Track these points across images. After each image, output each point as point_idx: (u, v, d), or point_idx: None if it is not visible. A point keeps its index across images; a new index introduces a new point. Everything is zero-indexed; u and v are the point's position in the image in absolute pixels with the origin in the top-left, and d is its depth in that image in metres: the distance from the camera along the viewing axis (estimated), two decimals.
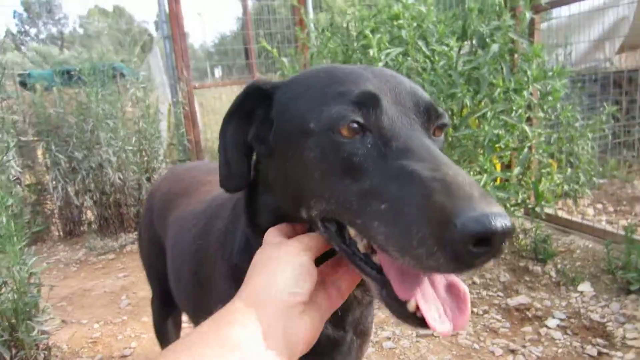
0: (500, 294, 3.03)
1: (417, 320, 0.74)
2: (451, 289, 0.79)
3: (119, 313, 3.35)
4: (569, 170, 4.12)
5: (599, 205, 4.43)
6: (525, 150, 3.19)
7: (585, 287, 2.93)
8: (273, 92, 0.95)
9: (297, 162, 0.86)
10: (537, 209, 3.27)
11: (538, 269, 3.24)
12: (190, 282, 1.41)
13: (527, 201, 3.36)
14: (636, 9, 5.31)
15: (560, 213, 4.09)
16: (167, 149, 5.74)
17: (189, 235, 1.43)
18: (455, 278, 0.80)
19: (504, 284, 3.13)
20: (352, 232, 0.82)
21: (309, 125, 0.83)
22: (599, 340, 2.45)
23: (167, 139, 5.94)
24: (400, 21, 3.20)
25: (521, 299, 2.89)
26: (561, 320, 2.66)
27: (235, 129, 0.99)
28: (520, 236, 3.60)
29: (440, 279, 0.79)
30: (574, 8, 4.92)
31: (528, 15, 3.06)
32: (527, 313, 2.77)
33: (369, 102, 0.80)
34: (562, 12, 5.58)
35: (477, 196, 0.67)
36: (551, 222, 3.83)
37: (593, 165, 4.39)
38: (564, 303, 2.83)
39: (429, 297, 0.76)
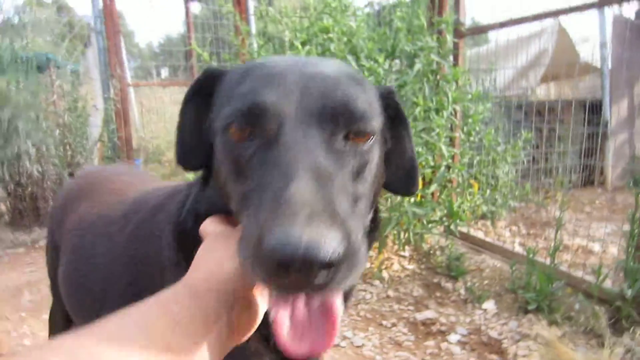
0: (411, 307, 3.11)
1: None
2: (325, 308, 0.71)
3: (18, 309, 3.17)
4: (488, 192, 4.30)
5: (515, 228, 4.65)
6: (442, 169, 3.30)
7: (489, 304, 3.06)
8: (219, 79, 0.93)
9: (217, 159, 0.89)
10: (452, 227, 3.39)
11: (449, 285, 3.35)
12: (125, 297, 1.17)
13: (444, 219, 3.48)
14: (556, 41, 5.66)
15: (479, 233, 4.27)
16: (97, 145, 5.54)
17: (110, 244, 1.27)
18: (331, 298, 0.71)
19: (416, 299, 3.21)
20: None
21: (216, 124, 0.86)
22: (494, 357, 2.55)
23: (97, 135, 5.73)
24: (331, 35, 3.26)
25: (429, 314, 2.97)
26: (462, 335, 2.76)
27: (194, 113, 0.98)
28: (437, 253, 3.72)
29: (317, 299, 0.72)
30: (503, 36, 5.19)
31: (449, 38, 3.19)
32: (433, 328, 2.85)
33: (257, 111, 0.78)
34: (499, 39, 5.88)
35: (302, 214, 0.63)
36: (466, 241, 3.98)
37: (512, 188, 4.61)
38: (468, 319, 2.94)
39: (295, 312, 0.70)
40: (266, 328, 0.82)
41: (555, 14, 3.36)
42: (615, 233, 3.76)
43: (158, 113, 7.72)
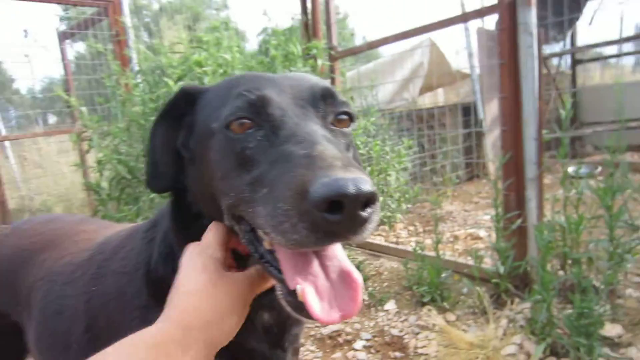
0: (318, 324, 3.16)
1: (304, 310, 0.74)
2: (344, 277, 0.78)
3: None
4: (381, 199, 4.52)
5: (412, 228, 4.93)
6: None
7: (390, 305, 3.20)
8: (198, 96, 0.99)
9: (207, 163, 0.91)
10: None
11: None
12: (82, 344, 1.19)
13: None
14: (429, 56, 6.15)
15: (379, 239, 4.46)
16: None
17: (73, 290, 1.26)
18: (348, 266, 0.79)
19: None
20: (260, 231, 0.83)
21: (212, 125, 0.89)
22: (397, 354, 2.67)
23: None
24: (206, 68, 3.30)
25: (334, 327, 3.04)
26: (367, 340, 2.86)
27: (165, 133, 1.02)
28: None
29: (333, 268, 0.79)
30: (387, 52, 5.54)
31: (320, 62, 3.38)
32: (339, 339, 2.93)
33: (258, 101, 0.85)
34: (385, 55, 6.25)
35: (338, 165, 0.69)
36: (365, 249, 4.15)
37: (404, 192, 4.88)
38: (372, 323, 3.05)
39: (318, 285, 0.76)
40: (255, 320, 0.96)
41: (423, 30, 3.65)
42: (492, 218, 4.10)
43: (42, 166, 7.20)
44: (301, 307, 0.74)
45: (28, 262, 1.46)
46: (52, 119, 9.08)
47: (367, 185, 0.66)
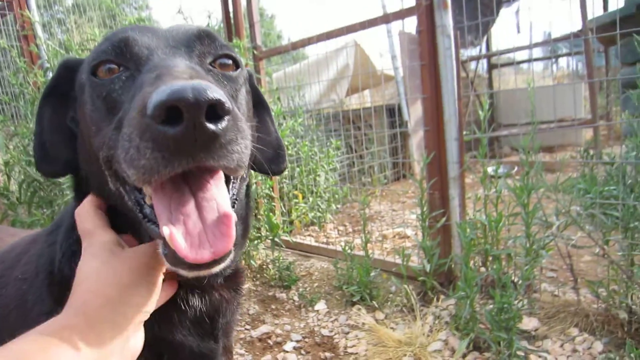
0: (248, 326, 3.09)
1: (178, 259, 0.67)
2: (219, 216, 0.71)
3: None
4: (311, 199, 4.51)
5: (342, 228, 4.96)
6: (254, 186, 3.37)
7: (320, 305, 3.19)
8: (78, 67, 0.93)
9: (84, 124, 0.86)
10: (276, 240, 3.48)
11: (283, 295, 3.41)
12: None
13: (267, 233, 3.55)
14: (354, 57, 6.25)
15: (309, 239, 4.45)
16: None
17: None
18: (225, 207, 0.72)
19: (252, 316, 3.20)
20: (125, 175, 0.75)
21: (82, 79, 0.85)
22: (327, 354, 2.66)
23: None
24: None
25: (264, 329, 2.98)
26: (297, 341, 2.83)
27: (52, 112, 0.97)
28: (270, 267, 3.77)
29: (209, 208, 0.71)
30: (312, 52, 5.54)
31: (243, 61, 3.30)
32: (269, 341, 2.87)
33: (122, 41, 0.80)
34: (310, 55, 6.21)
35: (184, 77, 0.64)
36: (296, 249, 4.12)
37: (334, 192, 4.91)
38: (302, 324, 3.02)
39: (188, 225, 0.69)
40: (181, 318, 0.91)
41: (345, 31, 3.66)
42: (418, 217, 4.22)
43: None
44: (176, 257, 0.67)
45: None
46: None
47: (214, 92, 0.59)
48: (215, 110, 0.60)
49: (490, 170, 3.32)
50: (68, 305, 0.74)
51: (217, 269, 0.68)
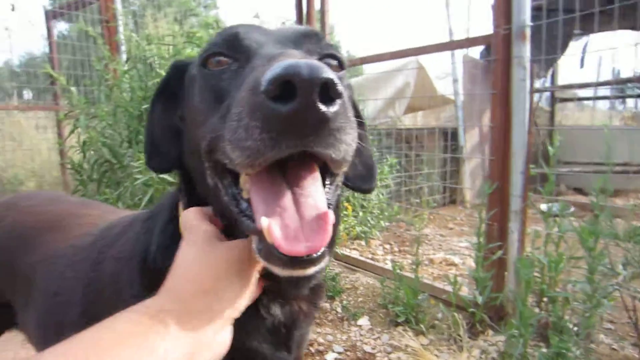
0: None
1: (274, 254, 0.65)
2: (317, 213, 0.70)
3: None
4: (361, 214, 4.52)
5: (387, 246, 4.93)
6: None
7: (363, 321, 3.18)
8: (187, 68, 0.98)
9: (190, 115, 0.90)
10: None
11: (327, 305, 3.42)
12: (78, 327, 1.12)
13: None
14: (416, 76, 6.23)
15: (354, 253, 4.45)
16: None
17: (73, 272, 1.22)
18: (322, 206, 0.71)
19: None
20: (241, 179, 0.78)
21: (192, 73, 0.90)
22: None
23: None
24: None
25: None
26: (339, 353, 2.83)
27: (162, 110, 1.02)
28: None
29: (307, 205, 0.71)
30: (372, 70, 5.57)
31: None
32: (311, 349, 2.88)
33: (233, 37, 0.83)
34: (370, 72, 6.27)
35: (297, 56, 0.65)
36: (342, 261, 4.13)
37: (383, 209, 4.89)
38: (344, 337, 3.02)
39: (285, 219, 0.68)
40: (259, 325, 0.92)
41: (417, 52, 3.67)
42: (472, 246, 4.15)
43: (16, 139, 6.99)
44: (271, 252, 0.66)
45: (30, 241, 1.42)
46: (27, 95, 8.79)
47: (329, 72, 0.57)
48: (328, 93, 0.59)
49: (543, 207, 3.23)
50: (165, 289, 0.76)
51: (311, 270, 0.67)
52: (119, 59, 3.91)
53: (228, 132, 0.66)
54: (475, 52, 6.86)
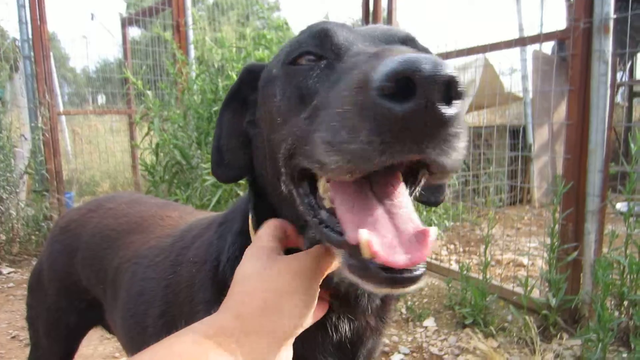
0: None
1: (372, 270, 0.60)
2: (415, 228, 0.64)
3: None
4: (424, 213, 4.46)
5: (452, 246, 4.84)
6: None
7: (429, 322, 3.15)
8: (261, 71, 0.93)
9: (266, 118, 0.84)
10: None
11: None
12: (157, 328, 1.19)
13: None
14: (482, 74, 6.05)
15: None
16: (23, 177, 5.25)
17: (154, 273, 1.27)
18: (417, 221, 0.66)
19: None
20: (320, 187, 0.73)
21: (272, 73, 0.83)
22: None
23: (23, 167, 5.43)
24: None
25: None
26: (405, 355, 2.81)
27: (232, 117, 0.96)
28: None
29: (402, 218, 0.65)
30: None
31: None
32: None
33: (322, 34, 0.77)
34: None
35: (411, 53, 0.55)
36: None
37: (447, 209, 4.81)
38: (410, 338, 3.00)
39: (383, 232, 0.62)
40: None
41: (490, 48, 3.56)
42: (542, 247, 3.99)
43: (92, 142, 7.46)
44: (366, 267, 0.60)
45: (115, 242, 1.47)
46: (100, 100, 9.36)
47: (451, 69, 0.50)
48: (449, 92, 0.52)
49: (619, 206, 3.04)
50: (225, 305, 0.73)
51: (410, 288, 0.61)
52: (190, 62, 4.09)
53: (324, 134, 0.59)
54: (547, 47, 6.59)
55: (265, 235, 0.82)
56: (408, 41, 0.82)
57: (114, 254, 1.45)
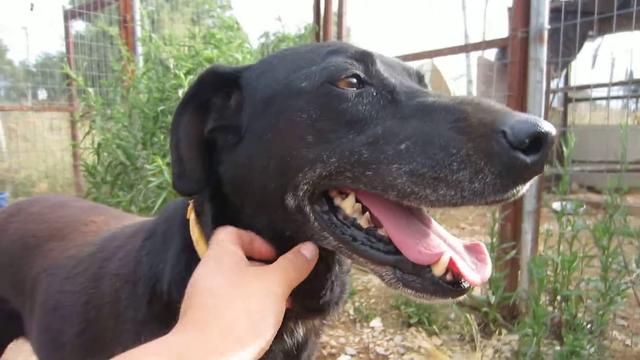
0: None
1: (443, 287, 0.71)
2: (466, 246, 0.78)
3: None
4: None
5: None
6: None
7: (376, 322, 3.20)
8: (238, 75, 0.89)
9: (282, 131, 0.79)
10: None
11: None
12: (75, 346, 1.10)
13: None
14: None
15: None
16: None
17: (72, 286, 1.16)
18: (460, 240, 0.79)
19: None
20: (348, 207, 0.78)
21: (298, 85, 0.79)
22: None
23: None
24: None
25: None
26: (352, 356, 2.85)
27: (189, 123, 0.89)
28: None
29: (450, 240, 0.78)
30: None
31: None
32: (323, 351, 2.90)
33: (367, 58, 0.80)
34: None
35: (512, 111, 0.67)
36: (355, 263, 4.13)
37: None
38: (357, 339, 3.04)
39: (454, 250, 0.75)
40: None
41: (434, 54, 3.67)
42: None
43: (29, 140, 7.07)
44: (437, 284, 0.71)
45: (34, 250, 1.38)
46: (41, 95, 8.91)
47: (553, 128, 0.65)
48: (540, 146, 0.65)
49: (555, 206, 3.20)
50: (186, 321, 0.68)
51: (465, 294, 0.74)
52: (137, 59, 3.96)
53: (420, 171, 0.67)
54: (490, 54, 6.84)
55: (228, 241, 0.80)
56: (421, 79, 0.92)
57: (32, 262, 1.35)
